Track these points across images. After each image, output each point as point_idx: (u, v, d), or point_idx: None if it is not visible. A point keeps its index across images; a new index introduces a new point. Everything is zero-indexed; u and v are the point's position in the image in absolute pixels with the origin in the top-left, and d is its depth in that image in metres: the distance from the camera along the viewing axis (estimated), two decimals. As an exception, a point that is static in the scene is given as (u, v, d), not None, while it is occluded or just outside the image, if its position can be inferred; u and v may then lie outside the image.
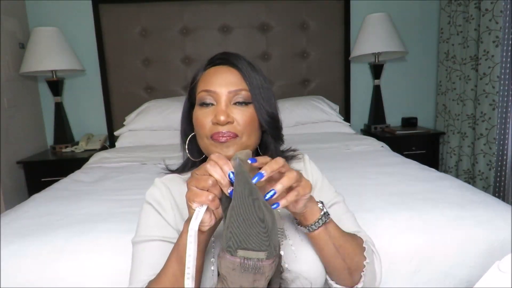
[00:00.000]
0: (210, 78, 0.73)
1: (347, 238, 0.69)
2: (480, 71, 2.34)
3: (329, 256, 0.67)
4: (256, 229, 0.48)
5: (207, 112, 0.72)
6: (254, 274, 0.49)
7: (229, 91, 0.71)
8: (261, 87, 0.75)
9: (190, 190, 0.54)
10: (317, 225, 0.64)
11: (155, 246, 0.70)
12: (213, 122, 0.70)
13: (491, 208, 1.12)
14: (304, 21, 2.72)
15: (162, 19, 2.63)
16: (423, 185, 1.33)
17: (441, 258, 1.02)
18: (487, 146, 2.37)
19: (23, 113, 2.47)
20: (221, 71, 0.74)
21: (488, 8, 2.24)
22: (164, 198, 0.75)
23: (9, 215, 1.26)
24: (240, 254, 0.48)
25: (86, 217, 1.19)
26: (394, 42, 2.55)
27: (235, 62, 0.74)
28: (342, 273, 0.69)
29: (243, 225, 0.48)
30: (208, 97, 0.72)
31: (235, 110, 0.72)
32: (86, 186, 1.59)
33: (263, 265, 0.49)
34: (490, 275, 0.52)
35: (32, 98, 2.61)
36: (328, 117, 2.46)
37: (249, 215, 0.48)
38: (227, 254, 0.49)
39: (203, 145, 0.74)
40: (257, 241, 0.48)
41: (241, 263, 0.48)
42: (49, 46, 2.38)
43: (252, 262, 0.48)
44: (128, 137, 2.41)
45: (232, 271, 0.49)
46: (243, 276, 0.49)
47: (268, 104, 0.76)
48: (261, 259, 0.49)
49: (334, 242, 0.66)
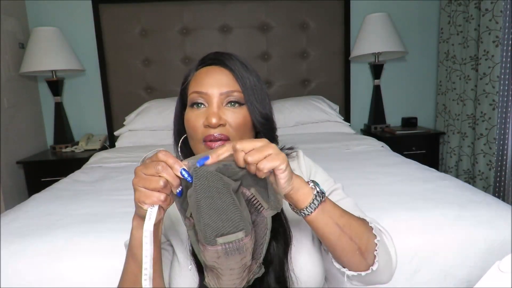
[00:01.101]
0: (202, 79, 0.71)
1: (350, 215, 0.64)
2: (480, 71, 2.34)
3: (335, 238, 0.61)
4: (228, 214, 0.49)
5: (198, 114, 0.70)
6: (240, 254, 0.50)
7: (221, 93, 0.69)
8: (254, 87, 0.72)
9: (139, 191, 0.52)
10: (313, 206, 0.59)
11: None
12: (205, 125, 0.68)
13: (491, 208, 1.12)
14: (304, 21, 2.72)
15: (162, 19, 2.63)
16: (423, 185, 1.33)
17: (441, 258, 1.03)
18: (487, 146, 2.37)
19: (23, 113, 2.47)
20: (213, 71, 0.72)
21: (488, 8, 2.24)
22: None
23: (9, 215, 1.26)
24: (220, 242, 0.49)
25: (86, 217, 1.19)
26: (394, 42, 2.55)
27: (227, 63, 0.72)
28: (353, 255, 0.63)
29: (214, 214, 0.49)
30: (200, 99, 0.70)
31: (227, 112, 0.69)
32: (86, 186, 1.59)
33: (245, 243, 0.50)
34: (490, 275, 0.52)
35: (32, 98, 2.61)
36: (328, 117, 2.46)
37: (219, 203, 0.49)
38: (208, 246, 0.50)
39: (195, 148, 0.72)
40: (232, 223, 0.49)
41: (224, 250, 0.50)
42: (49, 46, 2.38)
43: (233, 244, 0.50)
44: (128, 137, 2.41)
45: (218, 259, 0.50)
46: (230, 259, 0.50)
47: (261, 105, 0.73)
48: (241, 238, 0.50)
49: (337, 222, 0.61)
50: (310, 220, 0.60)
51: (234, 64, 0.72)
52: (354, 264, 0.64)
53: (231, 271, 0.51)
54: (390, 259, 0.67)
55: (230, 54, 0.74)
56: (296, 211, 0.61)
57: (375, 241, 0.65)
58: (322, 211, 0.60)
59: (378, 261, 0.64)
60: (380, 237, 0.66)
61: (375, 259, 0.64)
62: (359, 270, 0.65)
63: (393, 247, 0.68)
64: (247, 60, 0.75)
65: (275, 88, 2.77)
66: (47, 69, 2.38)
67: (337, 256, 0.65)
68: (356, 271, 0.65)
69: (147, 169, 0.52)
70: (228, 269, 0.51)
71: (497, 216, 1.08)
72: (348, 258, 0.64)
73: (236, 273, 0.52)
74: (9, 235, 1.09)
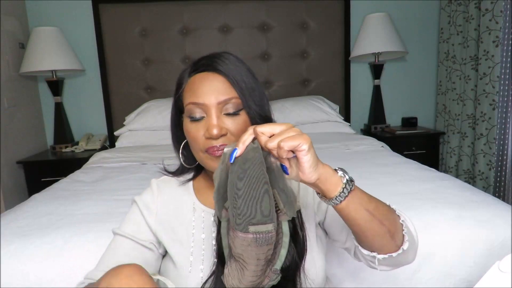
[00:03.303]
0: (197, 88, 0.69)
1: (377, 199, 0.63)
2: (480, 71, 2.34)
3: (365, 223, 0.60)
4: (263, 205, 0.51)
5: (198, 126, 0.69)
6: (267, 245, 0.52)
7: (219, 102, 0.67)
8: (251, 90, 0.70)
9: None
10: (343, 195, 0.57)
11: (125, 243, 0.74)
12: (206, 137, 0.67)
13: (491, 208, 1.12)
14: (304, 21, 2.72)
15: (162, 19, 2.63)
16: (423, 185, 1.33)
17: (441, 258, 1.03)
18: (487, 146, 2.37)
19: (23, 113, 2.47)
20: (207, 79, 0.69)
21: (488, 8, 2.24)
22: (153, 201, 0.78)
23: (9, 215, 1.26)
24: (251, 230, 0.51)
25: (86, 217, 1.19)
26: (394, 42, 2.55)
27: (220, 68, 0.69)
28: (384, 239, 0.63)
29: (250, 203, 0.51)
30: (197, 110, 0.68)
31: (226, 120, 0.68)
32: (86, 186, 1.59)
33: (273, 235, 0.52)
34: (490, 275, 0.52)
35: (32, 98, 2.61)
36: (328, 117, 2.46)
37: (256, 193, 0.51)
38: (239, 233, 0.51)
39: (198, 157, 0.72)
40: (265, 215, 0.51)
41: (254, 238, 0.51)
42: (49, 46, 2.38)
43: (263, 235, 0.51)
44: (128, 137, 2.41)
45: (247, 247, 0.52)
46: (259, 249, 0.52)
47: (260, 107, 0.71)
48: (270, 230, 0.52)
49: (367, 207, 0.60)
50: (340, 208, 0.59)
51: (227, 68, 0.69)
52: (384, 246, 0.64)
53: (258, 261, 0.53)
54: (413, 238, 0.68)
55: (222, 56, 0.71)
56: (325, 200, 0.59)
57: (400, 221, 0.66)
58: (352, 198, 0.58)
59: (408, 240, 0.65)
60: (403, 218, 0.67)
61: (403, 239, 0.65)
62: (390, 252, 0.65)
63: (412, 226, 0.69)
64: (240, 59, 0.73)
65: (275, 88, 2.77)
66: (47, 69, 2.38)
67: (367, 241, 0.64)
68: (387, 254, 0.65)
69: None
70: (256, 258, 0.53)
71: (497, 216, 1.08)
72: (379, 242, 0.64)
73: (261, 264, 0.53)
74: (9, 235, 1.09)
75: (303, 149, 0.52)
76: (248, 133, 0.54)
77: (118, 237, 0.75)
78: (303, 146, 0.51)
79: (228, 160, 0.53)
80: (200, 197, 0.78)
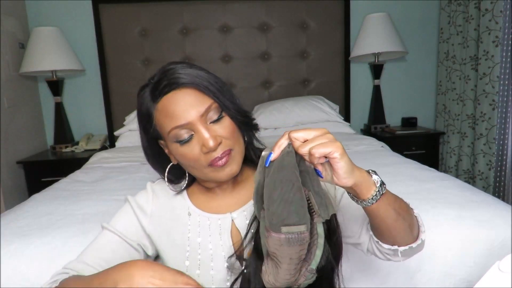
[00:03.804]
0: (174, 111, 0.65)
1: (399, 198, 0.66)
2: (480, 71, 2.34)
3: (392, 221, 0.63)
4: (296, 207, 0.53)
5: (190, 146, 0.67)
6: (300, 245, 0.54)
7: (201, 114, 0.65)
8: (221, 89, 0.69)
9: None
10: (376, 198, 0.58)
11: (113, 239, 0.73)
12: (204, 152, 0.66)
13: (491, 208, 1.12)
14: (304, 21, 2.72)
15: (162, 19, 2.63)
16: (423, 185, 1.33)
17: (441, 258, 1.03)
18: (487, 146, 2.37)
19: (23, 113, 2.47)
20: (179, 97, 0.66)
21: (488, 8, 2.23)
22: (148, 204, 0.78)
23: (9, 215, 1.26)
24: (284, 231, 0.53)
25: (86, 217, 1.19)
26: (394, 42, 2.55)
27: (185, 81, 0.66)
28: (405, 232, 0.66)
29: (283, 205, 0.53)
30: (183, 131, 0.66)
31: (214, 128, 0.67)
32: (86, 186, 1.59)
33: (305, 236, 0.54)
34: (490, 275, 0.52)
35: (32, 98, 2.61)
36: (328, 117, 2.46)
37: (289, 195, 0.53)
38: (272, 233, 0.53)
39: (200, 174, 0.71)
40: (297, 216, 0.53)
41: (286, 239, 0.53)
42: (49, 46, 2.38)
43: (295, 235, 0.53)
44: (128, 137, 2.41)
45: (280, 246, 0.54)
46: (291, 249, 0.54)
47: (232, 103, 0.70)
48: (303, 231, 0.53)
49: (394, 207, 0.62)
50: (371, 209, 0.60)
51: (191, 78, 0.66)
52: (404, 239, 0.67)
53: (290, 260, 0.54)
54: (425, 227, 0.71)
55: (174, 69, 0.68)
56: (356, 201, 0.61)
57: (415, 214, 0.69)
58: (382, 200, 0.60)
59: (424, 231, 0.69)
60: (416, 211, 0.71)
61: (420, 229, 0.69)
62: (408, 244, 0.68)
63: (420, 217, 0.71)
64: (190, 63, 0.71)
65: (275, 88, 2.77)
66: (47, 69, 2.38)
67: (391, 236, 0.67)
68: (407, 245, 0.68)
69: None
70: (288, 257, 0.54)
71: (497, 216, 1.08)
72: (401, 236, 0.66)
73: (294, 263, 0.55)
74: (9, 235, 1.09)
75: (335, 156, 0.52)
76: (284, 137, 0.56)
77: (107, 232, 0.75)
78: (335, 154, 0.52)
79: (263, 163, 0.56)
80: (195, 202, 0.77)
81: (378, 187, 0.58)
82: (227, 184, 0.77)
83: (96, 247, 0.73)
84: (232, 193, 0.77)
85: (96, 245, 0.74)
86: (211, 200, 0.77)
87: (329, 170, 0.55)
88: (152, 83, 0.69)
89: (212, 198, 0.77)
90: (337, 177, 0.55)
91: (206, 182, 0.76)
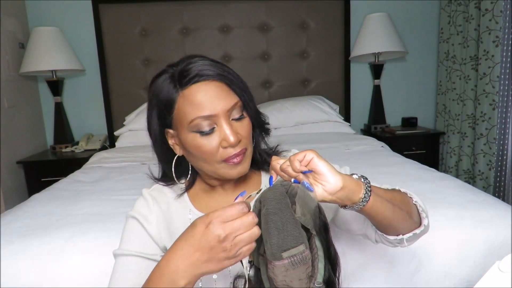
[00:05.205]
0: (201, 101, 0.65)
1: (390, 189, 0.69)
2: (480, 71, 2.34)
3: (390, 213, 0.64)
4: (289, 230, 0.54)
5: (210, 139, 0.66)
6: (304, 264, 0.55)
7: (227, 110, 0.66)
8: (245, 89, 0.70)
9: (239, 242, 0.51)
10: (365, 200, 0.60)
11: (133, 261, 0.69)
12: (224, 146, 0.66)
13: (491, 208, 1.12)
14: (304, 21, 2.72)
15: (162, 19, 2.63)
16: (423, 185, 1.33)
17: (441, 258, 1.03)
18: (487, 146, 2.37)
19: (23, 113, 2.47)
20: (209, 88, 0.65)
21: (488, 8, 2.23)
22: (150, 211, 0.74)
23: (9, 215, 1.26)
24: (285, 256, 0.54)
25: (86, 217, 1.19)
26: (394, 42, 2.55)
27: (216, 74, 0.66)
28: (405, 221, 0.68)
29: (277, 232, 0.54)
30: (206, 123, 0.65)
31: (236, 125, 0.67)
32: (86, 186, 1.59)
33: (307, 254, 0.55)
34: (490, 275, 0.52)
35: (32, 98, 2.61)
36: (328, 117, 2.46)
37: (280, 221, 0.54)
38: (275, 262, 0.54)
39: (210, 169, 0.69)
40: (294, 238, 0.54)
41: (290, 263, 0.54)
42: (49, 46, 2.38)
43: (297, 257, 0.54)
44: (128, 137, 2.41)
45: (287, 272, 0.54)
46: (297, 270, 0.55)
47: (253, 105, 0.72)
48: (303, 250, 0.54)
49: (387, 199, 0.64)
50: (368, 208, 0.62)
51: (222, 72, 0.67)
52: (406, 227, 0.69)
53: (300, 281, 0.55)
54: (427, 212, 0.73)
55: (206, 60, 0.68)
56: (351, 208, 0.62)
57: (414, 202, 0.71)
58: (373, 195, 0.61)
59: (427, 216, 0.71)
60: (414, 198, 0.72)
61: (421, 215, 0.71)
62: (412, 230, 0.70)
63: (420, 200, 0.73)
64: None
65: (275, 88, 2.77)
66: (47, 69, 2.38)
67: (393, 228, 0.68)
68: (411, 232, 0.70)
69: (228, 214, 0.51)
70: (298, 279, 0.55)
71: (497, 216, 1.08)
72: (402, 225, 0.68)
73: (305, 282, 0.56)
74: (9, 235, 1.09)
75: (311, 157, 0.56)
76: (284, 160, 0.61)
77: (123, 258, 0.70)
78: (310, 156, 0.56)
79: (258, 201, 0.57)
80: (196, 204, 0.77)
81: (364, 180, 0.62)
82: (230, 184, 0.77)
83: (120, 279, 0.68)
84: (234, 193, 0.77)
85: (117, 275, 0.69)
86: (212, 200, 0.77)
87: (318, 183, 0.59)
88: (175, 70, 0.67)
89: (213, 198, 0.77)
90: (325, 179, 0.57)
91: (210, 180, 0.76)
